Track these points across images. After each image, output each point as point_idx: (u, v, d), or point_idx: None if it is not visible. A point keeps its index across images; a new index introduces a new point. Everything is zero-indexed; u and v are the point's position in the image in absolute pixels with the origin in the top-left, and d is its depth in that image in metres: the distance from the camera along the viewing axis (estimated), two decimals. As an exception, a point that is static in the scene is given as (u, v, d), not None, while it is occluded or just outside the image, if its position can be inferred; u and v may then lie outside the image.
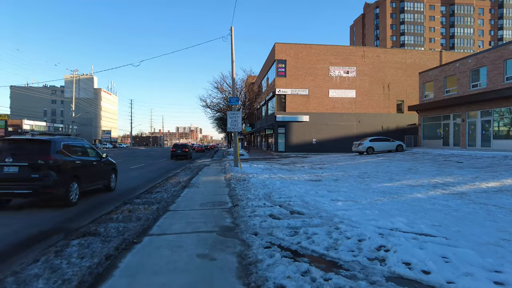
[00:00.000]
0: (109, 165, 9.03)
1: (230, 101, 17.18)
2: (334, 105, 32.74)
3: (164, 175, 14.35)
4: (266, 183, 9.70)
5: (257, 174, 12.62)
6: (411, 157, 19.83)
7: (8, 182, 6.06)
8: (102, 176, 8.52)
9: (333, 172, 13.35)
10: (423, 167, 14.31)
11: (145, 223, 4.89)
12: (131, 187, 10.13)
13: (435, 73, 25.65)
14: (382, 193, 7.73)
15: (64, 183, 6.44)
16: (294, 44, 32.15)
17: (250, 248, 3.61)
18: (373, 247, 3.66)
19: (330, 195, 7.40)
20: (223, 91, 30.80)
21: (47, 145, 6.52)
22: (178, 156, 28.03)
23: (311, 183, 9.90)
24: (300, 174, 12.93)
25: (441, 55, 35.05)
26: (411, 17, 73.96)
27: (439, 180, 9.75)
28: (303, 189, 8.38)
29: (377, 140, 24.61)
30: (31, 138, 6.92)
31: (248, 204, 6.15)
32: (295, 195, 7.27)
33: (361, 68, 33.21)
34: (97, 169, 8.24)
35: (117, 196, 8.27)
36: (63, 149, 6.85)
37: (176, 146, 29.23)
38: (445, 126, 24.52)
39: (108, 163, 9.02)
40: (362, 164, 17.19)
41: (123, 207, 6.12)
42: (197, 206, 6.35)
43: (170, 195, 7.62)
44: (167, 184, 10.29)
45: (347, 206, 6.13)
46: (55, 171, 6.31)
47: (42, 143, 6.58)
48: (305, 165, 18.54)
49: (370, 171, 13.57)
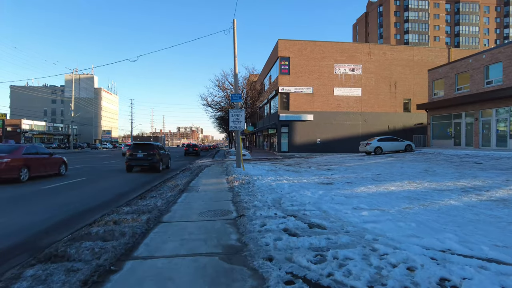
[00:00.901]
0: (166, 156, 17.05)
1: (232, 98, 16.21)
2: (339, 104, 31.72)
3: (162, 177, 13.39)
4: (273, 187, 8.73)
5: (261, 176, 11.65)
6: (423, 158, 18.81)
7: (140, 161, 14.64)
8: (166, 160, 17.09)
9: (344, 174, 12.35)
10: (440, 168, 13.30)
11: (130, 240, 3.92)
12: (123, 192, 9.17)
13: (446, 70, 24.59)
14: (408, 199, 6.74)
15: (160, 162, 15.17)
16: (298, 41, 31.15)
17: (266, 284, 2.63)
18: (433, 281, 2.68)
19: (350, 202, 6.42)
20: (224, 89, 29.85)
21: (153, 145, 15.30)
22: (190, 153, 35.67)
23: (323, 186, 8.91)
24: (308, 176, 11.94)
25: (449, 52, 33.97)
26: (415, 15, 72.72)
27: (466, 184, 8.75)
28: (316, 194, 7.40)
29: (386, 140, 23.59)
30: (147, 142, 15.75)
31: (256, 213, 5.17)
32: (309, 202, 6.29)
33: (367, 65, 32.18)
34: (165, 156, 16.69)
35: (105, 203, 7.32)
36: (158, 148, 15.44)
37: (188, 146, 37.68)
38: (456, 125, 23.47)
39: (166, 154, 16.99)
40: (372, 165, 16.20)
41: (108, 217, 5.15)
42: (196, 216, 5.38)
43: (165, 201, 6.64)
44: (163, 187, 9.33)
45: (375, 216, 5.15)
46: (157, 156, 14.79)
47: (152, 144, 15.38)
48: (311, 166, 17.56)
49: (383, 172, 12.58)
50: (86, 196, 8.34)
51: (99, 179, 12.38)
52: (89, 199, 7.81)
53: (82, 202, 7.38)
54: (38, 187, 9.71)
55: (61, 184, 10.39)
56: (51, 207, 6.75)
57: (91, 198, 8.03)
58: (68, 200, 7.66)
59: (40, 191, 8.99)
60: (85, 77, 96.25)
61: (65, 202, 7.32)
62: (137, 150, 14.85)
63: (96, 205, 7.05)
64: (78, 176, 12.89)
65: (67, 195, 8.40)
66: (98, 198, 8.04)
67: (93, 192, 8.95)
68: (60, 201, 7.45)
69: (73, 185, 10.25)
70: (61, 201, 7.45)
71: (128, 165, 14.91)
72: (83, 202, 7.38)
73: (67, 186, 10.01)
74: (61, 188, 9.69)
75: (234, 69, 16.03)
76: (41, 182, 10.90)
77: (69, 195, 8.41)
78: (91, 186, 10.18)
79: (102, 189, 9.71)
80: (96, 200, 7.75)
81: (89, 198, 8.04)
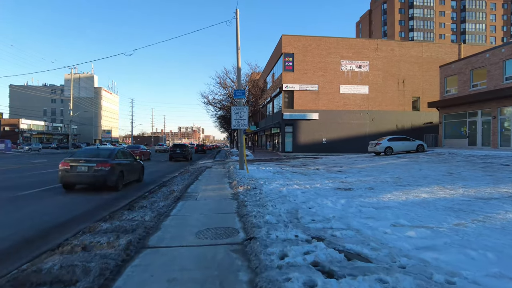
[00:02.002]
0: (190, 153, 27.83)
1: (234, 95, 15.01)
2: (345, 102, 30.46)
3: (158, 180, 12.20)
4: (283, 194, 7.52)
5: (268, 179, 10.44)
6: (438, 159, 17.55)
7: (178, 155, 24.71)
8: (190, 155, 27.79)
9: (359, 177, 11.12)
10: (465, 170, 12.05)
11: (93, 284, 2.70)
12: (111, 198, 7.97)
13: (459, 66, 23.30)
14: (452, 212, 5.51)
15: (189, 155, 26.50)
16: (303, 36, 29.90)
17: None
18: None
19: (383, 216, 5.20)
20: (226, 87, 28.64)
21: (185, 145, 26.88)
22: (200, 152, 44.62)
23: (342, 193, 7.69)
24: (320, 179, 10.72)
25: (460, 48, 32.65)
26: (420, 12, 71.27)
27: (509, 190, 7.51)
28: (338, 204, 6.18)
29: (396, 140, 22.34)
30: (182, 143, 29.56)
31: (270, 235, 3.96)
32: (333, 216, 5.07)
33: (374, 62, 30.91)
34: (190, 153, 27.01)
35: (84, 215, 6.12)
36: (187, 147, 26.58)
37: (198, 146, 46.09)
38: (471, 124, 22.18)
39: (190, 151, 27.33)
40: (387, 167, 14.96)
41: (77, 240, 3.94)
42: (192, 237, 4.16)
43: (155, 214, 5.43)
44: (157, 194, 8.13)
45: (426, 238, 3.92)
46: (188, 152, 25.54)
47: (185, 145, 27.26)
48: (320, 167, 16.34)
49: (403, 175, 11.34)
50: (63, 204, 7.15)
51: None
52: (67, 209, 6.61)
53: (56, 214, 6.18)
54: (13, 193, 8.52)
55: (40, 190, 9.21)
56: (15, 221, 5.56)
57: (69, 207, 6.84)
58: (43, 210, 6.47)
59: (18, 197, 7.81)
60: (85, 76, 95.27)
61: (37, 213, 6.13)
62: (175, 148, 25.66)
63: (72, 218, 5.84)
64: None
65: (43, 203, 7.21)
66: (79, 206, 6.85)
67: (76, 199, 7.76)
68: (30, 212, 6.26)
69: (55, 190, 9.06)
70: (32, 212, 6.26)
71: (171, 156, 25.29)
72: (58, 213, 6.19)
73: (45, 192, 8.82)
74: (40, 194, 8.49)
75: (236, 63, 14.84)
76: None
77: (45, 204, 7.22)
78: (75, 192, 8.99)
79: (89, 194, 8.51)
80: (76, 209, 6.56)
81: (68, 207, 6.84)
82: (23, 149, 44.75)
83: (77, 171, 8.48)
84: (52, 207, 6.81)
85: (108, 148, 10.76)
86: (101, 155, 9.16)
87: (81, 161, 8.61)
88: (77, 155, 9.30)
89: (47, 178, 11.72)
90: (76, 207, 6.81)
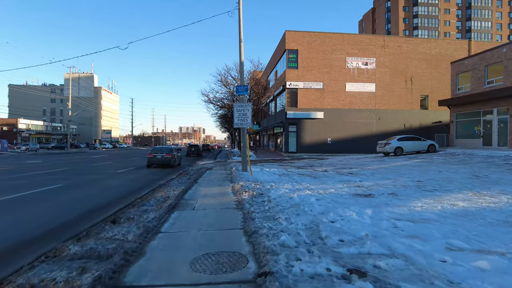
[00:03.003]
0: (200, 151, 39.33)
1: (237, 91, 13.93)
2: (351, 101, 29.34)
3: (153, 183, 11.16)
4: (295, 201, 6.46)
5: (275, 183, 9.36)
6: (455, 159, 16.44)
7: (193, 152, 35.57)
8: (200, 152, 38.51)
9: (375, 181, 10.03)
10: (492, 173, 10.95)
11: None
12: (94, 208, 6.93)
13: (473, 62, 22.17)
14: (511, 227, 4.43)
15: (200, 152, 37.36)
16: (307, 32, 28.80)
17: None
18: None
19: (428, 233, 4.11)
20: (227, 85, 27.58)
21: (198, 145, 41.65)
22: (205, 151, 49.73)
23: (363, 201, 6.61)
24: (332, 183, 9.63)
25: (470, 44, 31.47)
26: (425, 10, 69.95)
27: (560, 198, 6.42)
28: (364, 215, 5.10)
29: (407, 139, 21.21)
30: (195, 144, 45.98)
31: (292, 268, 2.89)
32: (365, 234, 4.00)
33: (381, 59, 29.79)
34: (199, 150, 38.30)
35: (55, 231, 5.07)
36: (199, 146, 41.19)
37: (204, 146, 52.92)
38: (486, 123, 21.04)
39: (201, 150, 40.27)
40: (401, 168, 13.87)
41: (24, 276, 2.87)
42: (185, 268, 3.10)
43: (142, 230, 4.36)
44: (149, 201, 7.06)
45: (508, 273, 2.85)
46: (199, 150, 37.61)
47: (197, 145, 41.61)
48: (328, 168, 15.26)
49: (422, 178, 10.26)
50: (36, 216, 6.10)
51: (76, 186, 10.15)
52: (35, 223, 5.56)
53: (23, 228, 5.13)
54: None
55: (24, 194, 8.16)
56: None
57: (39, 221, 5.79)
58: (13, 219, 5.42)
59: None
60: (85, 75, 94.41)
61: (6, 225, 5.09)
62: (191, 147, 36.58)
63: (40, 235, 4.78)
64: (51, 183, 10.66)
65: (20, 211, 6.16)
66: (55, 219, 5.80)
67: (52, 209, 6.72)
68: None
69: (40, 195, 8.02)
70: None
71: (188, 153, 34.18)
72: (25, 228, 5.14)
73: (31, 197, 7.78)
74: (22, 199, 7.45)
75: (239, 56, 13.75)
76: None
77: (19, 213, 6.17)
78: (55, 200, 7.94)
79: (69, 202, 7.47)
80: (49, 222, 5.51)
81: (37, 220, 5.79)
82: (20, 149, 43.81)
83: (156, 157, 17.75)
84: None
85: (168, 147, 21.59)
86: (165, 150, 18.46)
87: (158, 153, 17.97)
88: (153, 151, 18.48)
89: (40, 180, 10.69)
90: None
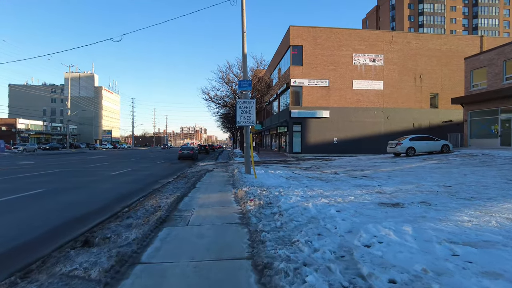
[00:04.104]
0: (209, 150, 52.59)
1: (240, 86, 12.77)
2: (358, 99, 28.13)
3: (147, 187, 10.04)
4: (311, 213, 5.31)
5: (283, 188, 8.21)
6: (475, 161, 15.22)
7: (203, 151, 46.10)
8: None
9: (397, 185, 8.85)
10: (526, 177, 9.75)
11: None
12: (68, 220, 5.81)
13: (489, 57, 20.91)
14: None
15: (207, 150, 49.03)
16: (312, 28, 27.62)
17: None
18: None
19: (503, 265, 2.96)
20: (229, 82, 26.45)
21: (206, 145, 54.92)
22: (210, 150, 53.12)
23: (393, 212, 5.44)
24: (347, 188, 8.47)
25: (482, 40, 30.16)
26: (430, 7, 68.54)
27: None
28: (406, 236, 3.93)
29: (419, 139, 20.00)
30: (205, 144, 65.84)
31: None
32: (422, 269, 2.84)
33: (389, 55, 28.56)
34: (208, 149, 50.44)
35: (10, 255, 3.95)
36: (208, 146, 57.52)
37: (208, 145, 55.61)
38: (504, 122, 19.78)
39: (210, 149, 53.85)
40: (418, 171, 12.68)
41: None
42: None
43: (113, 262, 3.22)
44: (136, 212, 5.93)
45: None
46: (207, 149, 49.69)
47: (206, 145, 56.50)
48: (337, 170, 14.10)
49: (449, 182, 9.08)
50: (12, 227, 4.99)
51: (60, 191, 9.04)
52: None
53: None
54: None
55: None
56: None
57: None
58: None
59: None
60: (85, 75, 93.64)
61: None
62: (202, 147, 47.38)
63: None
64: (34, 188, 9.55)
65: None
66: (8, 240, 4.69)
67: (13, 223, 5.61)
68: None
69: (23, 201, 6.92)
70: None
71: (199, 151, 40.42)
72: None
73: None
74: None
75: (242, 49, 12.62)
76: None
77: None
78: (26, 210, 6.83)
79: (42, 213, 6.36)
80: (11, 240, 4.39)
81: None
82: (17, 149, 42.87)
83: (183, 153, 27.10)
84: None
85: (191, 146, 33.35)
86: (189, 149, 28.46)
87: (185, 150, 27.70)
88: (182, 149, 28.11)
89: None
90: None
